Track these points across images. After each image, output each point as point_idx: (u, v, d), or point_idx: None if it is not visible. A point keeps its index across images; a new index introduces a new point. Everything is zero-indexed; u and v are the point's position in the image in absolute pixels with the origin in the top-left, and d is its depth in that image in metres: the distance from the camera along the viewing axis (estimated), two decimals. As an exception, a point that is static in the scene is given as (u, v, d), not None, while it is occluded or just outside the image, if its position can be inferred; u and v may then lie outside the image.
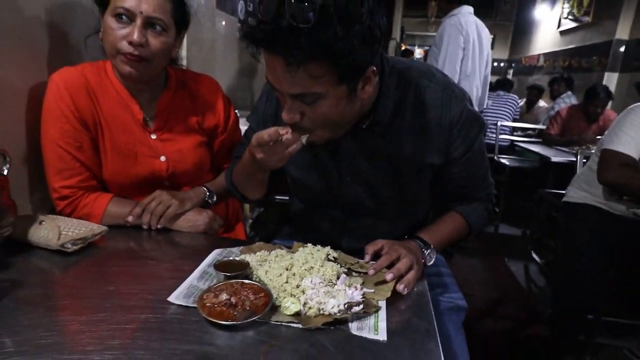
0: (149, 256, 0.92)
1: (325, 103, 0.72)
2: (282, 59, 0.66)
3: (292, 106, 0.73)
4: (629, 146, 1.63)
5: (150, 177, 1.08)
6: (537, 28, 7.69)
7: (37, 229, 0.86)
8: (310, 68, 0.66)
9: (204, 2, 1.62)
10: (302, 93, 0.70)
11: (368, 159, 0.90)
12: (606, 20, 5.03)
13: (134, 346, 0.59)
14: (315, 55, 0.64)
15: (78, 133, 0.98)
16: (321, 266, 0.79)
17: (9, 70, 0.95)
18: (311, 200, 1.04)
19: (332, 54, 0.64)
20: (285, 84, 0.70)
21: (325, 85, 0.69)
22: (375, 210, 0.98)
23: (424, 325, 0.70)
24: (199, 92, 1.14)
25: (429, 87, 0.85)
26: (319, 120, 0.75)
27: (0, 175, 0.83)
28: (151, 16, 0.93)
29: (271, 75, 0.72)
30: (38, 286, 0.75)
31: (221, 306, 0.66)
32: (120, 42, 0.92)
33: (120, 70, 0.97)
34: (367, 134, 0.86)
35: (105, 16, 0.94)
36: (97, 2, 0.96)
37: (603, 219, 1.74)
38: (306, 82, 0.68)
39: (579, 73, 5.44)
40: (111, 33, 0.92)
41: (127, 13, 0.91)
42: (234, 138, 1.23)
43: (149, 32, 0.94)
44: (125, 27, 0.92)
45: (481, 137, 0.91)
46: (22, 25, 0.97)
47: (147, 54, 0.94)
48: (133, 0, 0.91)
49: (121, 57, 0.93)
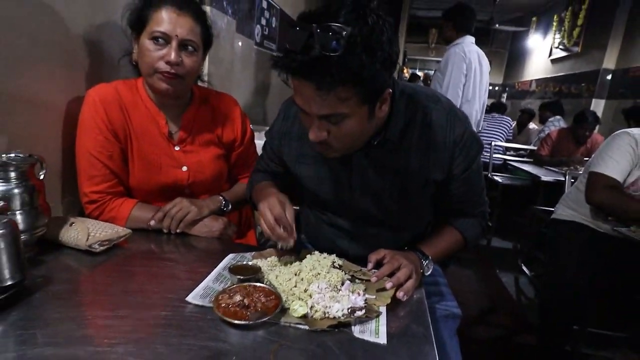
0: (169, 258, 0.92)
1: (350, 122, 0.74)
2: (313, 84, 0.67)
3: (319, 126, 0.75)
4: (615, 170, 1.64)
5: (173, 185, 1.09)
6: (529, 56, 7.72)
7: (68, 230, 0.87)
8: (339, 92, 0.67)
9: (225, 26, 1.66)
10: (330, 114, 0.72)
11: (377, 173, 0.90)
12: (594, 51, 5.04)
13: (154, 341, 0.60)
14: (345, 80, 0.66)
15: (110, 143, 1.00)
16: (327, 273, 0.79)
17: (49, 85, 0.97)
18: (322, 210, 1.04)
19: (358, 78, 0.66)
20: (314, 106, 0.71)
21: (351, 106, 0.71)
22: (381, 220, 0.98)
23: (421, 330, 0.70)
24: (220, 108, 1.16)
25: (435, 109, 0.87)
26: (343, 137, 0.77)
27: (37, 180, 0.84)
28: (185, 38, 0.96)
29: (300, 99, 0.73)
30: (67, 282, 0.75)
31: (235, 307, 0.67)
32: (157, 62, 0.95)
33: (157, 87, 0.99)
34: (378, 150, 0.87)
35: (141, 39, 0.97)
36: (133, 26, 0.99)
37: (589, 236, 1.73)
38: (334, 104, 0.70)
39: (569, 99, 5.44)
40: (149, 54, 0.95)
41: (164, 36, 0.95)
42: (249, 151, 1.25)
43: (183, 52, 0.97)
44: (162, 49, 0.95)
45: (479, 157, 0.92)
46: (63, 44, 0.99)
47: (182, 72, 0.97)
48: (169, 25, 0.94)
49: (159, 75, 0.97)
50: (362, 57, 0.64)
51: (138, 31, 0.97)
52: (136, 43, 0.99)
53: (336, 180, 0.94)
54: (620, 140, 1.67)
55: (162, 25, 0.94)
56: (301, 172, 0.98)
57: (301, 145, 0.95)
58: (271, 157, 1.06)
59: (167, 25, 0.94)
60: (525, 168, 3.22)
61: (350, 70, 0.64)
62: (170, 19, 0.95)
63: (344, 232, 1.03)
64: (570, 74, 5.66)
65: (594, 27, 5.17)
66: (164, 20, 0.94)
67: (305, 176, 0.97)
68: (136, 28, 0.98)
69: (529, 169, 3.15)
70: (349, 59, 0.63)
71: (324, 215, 1.05)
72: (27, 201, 0.79)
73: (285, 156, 1.00)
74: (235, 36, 1.96)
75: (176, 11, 0.95)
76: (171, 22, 0.95)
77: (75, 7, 1.00)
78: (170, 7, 0.95)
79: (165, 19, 0.94)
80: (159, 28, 0.94)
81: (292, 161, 0.98)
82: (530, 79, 7.44)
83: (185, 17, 0.96)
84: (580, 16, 5.47)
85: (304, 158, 0.96)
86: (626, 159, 1.64)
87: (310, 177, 0.97)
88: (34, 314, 0.64)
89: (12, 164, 0.77)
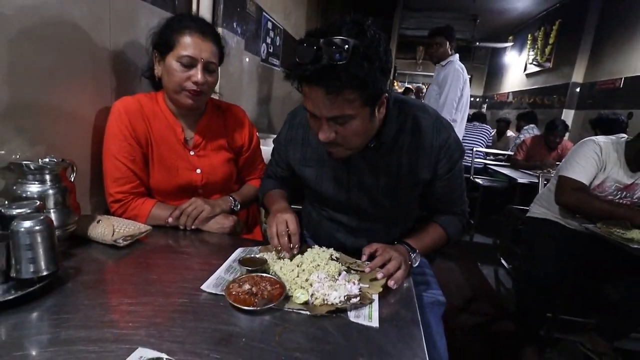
0: (185, 252, 0.93)
1: (355, 122, 0.76)
2: (323, 89, 0.70)
3: (328, 127, 0.76)
4: (581, 174, 1.65)
5: (188, 185, 1.10)
6: (507, 70, 7.74)
7: (95, 227, 0.88)
8: (345, 95, 0.70)
9: (235, 45, 1.68)
10: (338, 115, 0.74)
11: (372, 174, 0.92)
12: (564, 66, 5.06)
13: (173, 324, 0.61)
14: (350, 84, 0.69)
15: (133, 149, 1.01)
16: (326, 264, 0.80)
17: (80, 98, 0.99)
18: (323, 206, 1.05)
19: (362, 83, 0.69)
20: (324, 109, 0.73)
21: (356, 108, 0.73)
22: (374, 216, 0.99)
23: (409, 315, 0.71)
24: (230, 117, 1.18)
25: (423, 117, 0.89)
26: (350, 137, 0.78)
27: (68, 181, 0.85)
28: (208, 61, 0.98)
29: (311, 104, 0.75)
30: (95, 273, 0.76)
31: (244, 294, 0.68)
32: (185, 82, 0.97)
33: (184, 103, 1.01)
34: (374, 153, 0.89)
35: (168, 59, 0.97)
36: (160, 47, 0.98)
37: (560, 232, 1.75)
38: (342, 106, 0.72)
39: (542, 109, 5.45)
40: (177, 75, 0.97)
41: (191, 60, 0.96)
42: (256, 155, 1.26)
43: (206, 72, 0.99)
44: (189, 70, 0.97)
45: (461, 161, 0.94)
46: (92, 61, 1.01)
47: (205, 89, 1.00)
48: (195, 49, 0.96)
49: (186, 93, 0.99)
50: (364, 64, 0.67)
51: (163, 52, 0.98)
52: (160, 61, 1.00)
53: (336, 180, 0.96)
54: (587, 147, 1.68)
55: (189, 49, 0.95)
56: (305, 173, 0.99)
57: (305, 150, 0.98)
58: (278, 162, 1.08)
59: (193, 50, 0.95)
60: (504, 171, 3.22)
61: (354, 75, 0.67)
62: (195, 44, 0.96)
63: (342, 227, 1.04)
64: (543, 87, 5.67)
65: (563, 45, 5.19)
66: (190, 45, 0.95)
67: (308, 177, 0.99)
68: (162, 49, 0.98)
69: (506, 172, 3.15)
70: (353, 66, 0.67)
71: (324, 212, 1.06)
72: (60, 201, 0.80)
73: (291, 160, 1.01)
74: (244, 53, 1.97)
75: (200, 37, 0.97)
76: (197, 47, 0.96)
77: (102, 28, 1.02)
78: (195, 32, 0.96)
79: (191, 44, 0.95)
80: (186, 52, 0.95)
81: (297, 164, 1.00)
82: (507, 91, 7.45)
83: (208, 42, 0.98)
84: (551, 35, 5.50)
85: (306, 161, 0.98)
86: (591, 164, 1.65)
87: (313, 178, 0.98)
88: (67, 301, 0.65)
89: (47, 167, 0.78)
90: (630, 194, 1.68)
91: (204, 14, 1.48)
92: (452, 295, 2.30)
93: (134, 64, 1.15)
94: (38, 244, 0.64)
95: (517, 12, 6.21)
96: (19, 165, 0.77)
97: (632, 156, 1.63)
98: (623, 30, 4.05)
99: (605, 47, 4.36)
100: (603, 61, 4.38)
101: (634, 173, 1.64)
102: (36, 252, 0.64)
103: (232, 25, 1.63)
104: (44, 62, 0.86)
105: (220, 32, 1.53)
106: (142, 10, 1.12)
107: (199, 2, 1.48)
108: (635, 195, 1.68)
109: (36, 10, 0.82)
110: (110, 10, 1.02)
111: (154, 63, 1.02)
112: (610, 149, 1.66)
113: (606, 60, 4.32)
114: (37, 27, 0.82)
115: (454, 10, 6.02)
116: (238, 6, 1.66)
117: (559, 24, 5.35)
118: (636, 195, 1.68)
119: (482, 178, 3.63)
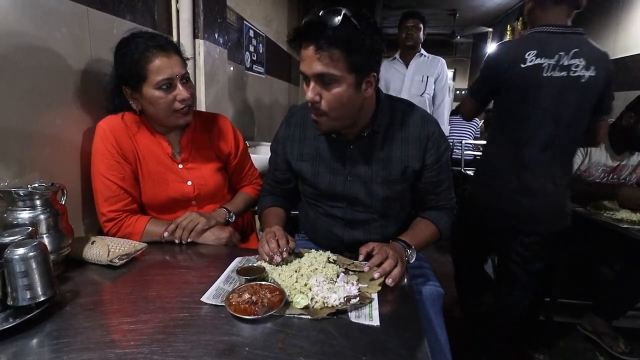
0: (182, 265, 0.93)
1: (339, 88, 0.83)
2: (314, 46, 0.79)
3: (314, 87, 0.84)
4: None
5: (181, 197, 1.10)
6: (489, 62, 7.84)
7: (90, 248, 0.88)
8: (331, 53, 0.79)
9: (218, 56, 1.68)
10: (323, 72, 0.81)
11: (366, 163, 0.99)
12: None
13: (175, 339, 0.61)
14: (336, 43, 0.78)
15: (121, 166, 1.01)
16: (324, 267, 0.81)
17: (66, 120, 0.98)
18: (319, 201, 1.08)
19: (347, 45, 0.78)
20: (312, 64, 0.81)
21: (341, 69, 0.81)
22: (369, 206, 1.03)
23: (409, 311, 0.72)
24: (213, 127, 1.18)
25: (411, 112, 1.00)
26: (333, 103, 0.85)
27: (59, 205, 0.85)
28: (182, 74, 0.99)
29: (304, 64, 0.83)
30: (93, 294, 0.76)
31: (244, 304, 0.68)
32: (173, 104, 0.98)
33: (177, 123, 1.02)
34: (367, 143, 0.97)
35: (145, 90, 0.96)
36: (130, 82, 0.97)
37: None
38: (327, 64, 0.80)
39: (526, 97, 5.53)
40: (163, 101, 0.97)
41: (169, 81, 0.96)
42: (244, 162, 1.27)
43: (184, 86, 0.99)
44: (172, 91, 0.97)
45: (447, 154, 1.01)
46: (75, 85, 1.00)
47: (191, 102, 1.01)
48: (168, 70, 0.96)
49: (177, 114, 1.00)
50: (352, 32, 0.78)
51: (135, 85, 0.97)
52: (134, 94, 0.99)
53: (331, 172, 1.02)
54: None
55: (163, 73, 0.95)
56: (302, 167, 1.04)
57: (301, 146, 1.04)
58: (277, 163, 1.11)
59: (167, 70, 0.95)
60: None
61: (340, 36, 0.77)
62: (166, 65, 0.95)
63: (339, 220, 1.07)
64: (526, 75, 5.77)
65: (543, 34, 5.29)
66: (161, 68, 0.95)
67: (305, 171, 1.04)
68: (132, 84, 0.97)
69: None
70: (341, 29, 0.77)
71: (320, 208, 1.09)
72: (52, 225, 0.80)
73: (289, 155, 1.06)
74: (227, 63, 1.97)
75: (165, 55, 0.96)
76: (168, 67, 0.96)
77: (83, 48, 1.01)
78: (159, 53, 0.95)
79: (162, 67, 0.95)
80: (161, 77, 0.95)
81: (295, 159, 1.06)
82: (491, 82, 7.55)
83: (173, 56, 0.98)
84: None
85: (303, 156, 1.04)
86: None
87: (309, 172, 1.04)
88: (66, 325, 0.64)
89: (37, 192, 0.78)
90: (618, 176, 1.72)
91: (184, 27, 1.48)
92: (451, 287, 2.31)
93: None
94: (33, 270, 0.64)
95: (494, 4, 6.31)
96: (8, 193, 0.76)
97: (614, 139, 1.67)
98: (598, 15, 4.15)
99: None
100: (581, 47, 4.47)
101: (619, 155, 1.69)
102: (32, 278, 0.64)
103: (214, 36, 1.64)
104: (25, 86, 0.85)
105: (202, 44, 1.54)
106: (122, 28, 1.12)
107: (179, 16, 1.48)
108: (622, 177, 1.72)
109: (14, 35, 0.81)
110: (89, 30, 1.02)
111: (127, 99, 1.00)
112: (593, 134, 1.69)
113: (584, 45, 4.41)
114: (17, 51, 0.82)
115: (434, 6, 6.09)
116: (218, 17, 1.67)
117: (536, 13, 5.46)
118: (623, 176, 1.72)
119: (472, 170, 3.67)
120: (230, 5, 2.09)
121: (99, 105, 1.07)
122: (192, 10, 1.50)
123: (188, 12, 1.49)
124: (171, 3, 1.47)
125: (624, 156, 1.68)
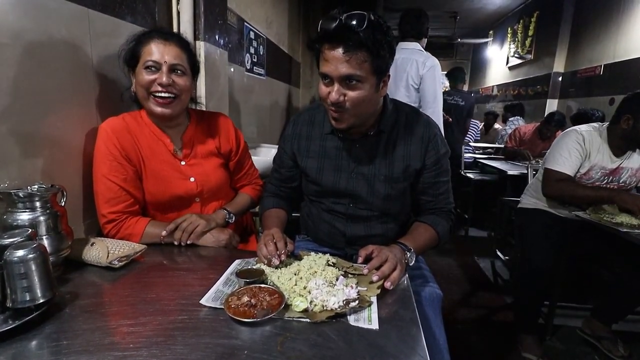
0: (181, 268, 0.93)
1: (363, 88, 0.87)
2: (342, 47, 0.82)
3: (338, 89, 0.87)
4: (564, 165, 1.70)
5: (184, 194, 1.10)
6: (489, 65, 7.86)
7: (90, 250, 0.88)
8: (359, 55, 0.83)
9: (218, 57, 1.69)
10: (351, 74, 0.84)
11: (370, 161, 1.03)
12: (545, 57, 5.17)
13: (175, 342, 0.61)
14: (365, 45, 0.82)
15: (123, 167, 1.01)
16: (323, 270, 0.81)
17: (67, 121, 0.98)
18: (323, 198, 1.11)
19: (374, 46, 0.82)
20: (340, 66, 0.84)
21: (366, 71, 0.85)
22: (370, 203, 1.06)
23: (408, 314, 0.72)
24: (214, 125, 1.19)
25: (416, 115, 1.05)
26: (355, 102, 0.88)
27: (59, 206, 0.85)
28: (173, 63, 1.00)
29: (328, 66, 0.86)
30: (93, 296, 0.76)
31: (243, 307, 0.68)
32: (151, 85, 0.99)
33: (153, 111, 1.02)
34: (373, 142, 1.02)
35: (137, 71, 1.00)
36: (128, 63, 1.03)
37: (551, 221, 1.78)
38: (355, 65, 0.83)
39: (526, 100, 5.55)
40: (143, 79, 0.99)
41: (155, 64, 0.99)
42: (245, 160, 1.28)
43: (173, 75, 1.01)
44: (154, 74, 0.99)
45: (447, 158, 1.05)
46: (77, 84, 1.01)
47: (176, 91, 1.02)
48: (158, 54, 0.99)
49: (154, 100, 1.00)
50: (376, 35, 0.82)
51: (133, 66, 1.01)
52: (133, 77, 1.03)
53: (336, 169, 1.06)
54: (569, 138, 1.72)
55: (153, 55, 0.99)
56: (307, 164, 1.09)
57: (308, 144, 1.09)
58: (284, 160, 1.14)
59: (157, 54, 0.99)
60: (493, 164, 3.27)
61: (368, 38, 0.81)
62: (158, 49, 0.99)
63: (341, 216, 1.10)
64: (526, 78, 5.78)
65: (543, 37, 5.31)
66: (153, 51, 0.99)
67: (310, 167, 1.08)
68: (131, 64, 1.02)
69: (496, 165, 3.20)
70: (367, 33, 0.81)
71: (322, 205, 1.12)
72: (52, 226, 0.80)
73: (296, 151, 1.11)
74: (228, 65, 1.98)
75: (163, 42, 1.00)
76: (160, 52, 0.99)
77: (84, 50, 1.02)
78: (158, 39, 1.00)
79: (154, 50, 0.99)
80: (150, 58, 0.98)
81: (301, 156, 1.10)
82: (491, 84, 7.57)
83: (171, 46, 1.01)
84: (530, 27, 5.62)
85: (309, 153, 1.09)
86: (575, 155, 1.69)
87: (314, 168, 1.08)
88: (66, 327, 0.64)
89: (37, 194, 0.78)
90: (617, 178, 1.72)
91: (185, 28, 1.49)
92: (451, 290, 2.32)
93: (118, 84, 1.15)
94: (32, 272, 0.64)
95: (495, 7, 6.33)
96: (8, 194, 0.76)
97: (614, 141, 1.68)
98: (600, 19, 4.16)
99: (584, 36, 4.47)
100: (582, 50, 4.49)
101: (618, 157, 1.69)
102: (31, 280, 0.64)
103: (215, 37, 1.64)
104: (26, 87, 0.85)
105: (202, 46, 1.55)
106: (123, 29, 1.13)
107: (180, 17, 1.49)
108: (622, 180, 1.72)
109: (15, 36, 0.82)
110: (90, 31, 1.03)
111: (131, 80, 1.04)
112: (593, 137, 1.70)
113: (585, 48, 4.42)
114: (17, 52, 0.82)
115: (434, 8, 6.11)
116: (219, 19, 1.67)
117: (537, 15, 5.47)
118: (622, 179, 1.72)
119: (473, 172, 3.67)
120: (231, 7, 2.09)
121: (99, 106, 1.08)
122: (192, 11, 1.50)
123: (188, 14, 1.49)
124: (172, 4, 1.47)
125: (623, 157, 1.69)
